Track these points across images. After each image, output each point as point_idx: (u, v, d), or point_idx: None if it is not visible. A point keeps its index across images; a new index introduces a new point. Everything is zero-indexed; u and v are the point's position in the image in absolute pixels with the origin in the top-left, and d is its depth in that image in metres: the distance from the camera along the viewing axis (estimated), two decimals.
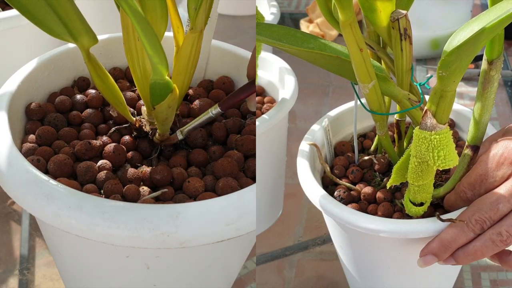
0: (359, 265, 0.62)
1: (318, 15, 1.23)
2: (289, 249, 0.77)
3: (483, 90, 0.50)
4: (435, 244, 0.52)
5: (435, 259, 0.52)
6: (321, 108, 1.04)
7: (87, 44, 0.52)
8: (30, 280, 0.68)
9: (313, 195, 0.57)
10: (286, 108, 0.70)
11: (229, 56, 0.68)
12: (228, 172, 0.54)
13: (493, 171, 0.50)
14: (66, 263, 0.57)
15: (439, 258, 0.52)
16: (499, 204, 0.49)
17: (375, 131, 0.67)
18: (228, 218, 0.46)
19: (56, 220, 0.46)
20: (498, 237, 0.49)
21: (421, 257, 0.53)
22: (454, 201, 0.54)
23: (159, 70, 0.47)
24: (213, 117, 0.57)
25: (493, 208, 0.49)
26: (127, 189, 0.52)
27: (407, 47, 0.51)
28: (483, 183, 0.51)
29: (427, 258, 0.52)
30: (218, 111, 0.56)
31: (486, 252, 0.50)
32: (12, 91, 0.57)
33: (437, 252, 0.52)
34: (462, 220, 0.50)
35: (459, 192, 0.53)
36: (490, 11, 0.41)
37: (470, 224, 0.50)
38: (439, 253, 0.52)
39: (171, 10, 0.55)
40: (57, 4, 0.49)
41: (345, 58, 0.51)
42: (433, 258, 0.52)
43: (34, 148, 0.55)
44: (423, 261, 0.52)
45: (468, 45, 0.42)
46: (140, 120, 0.58)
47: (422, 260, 0.52)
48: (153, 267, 0.51)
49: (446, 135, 0.47)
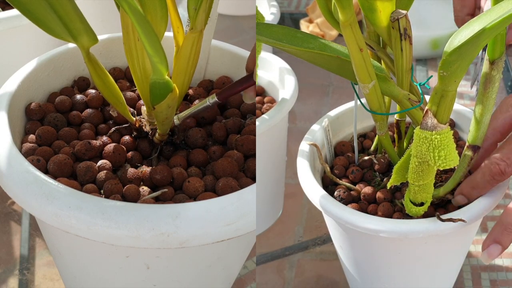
0: (359, 265, 0.62)
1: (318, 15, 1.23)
2: (289, 249, 0.77)
3: (485, 90, 0.50)
4: (497, 230, 0.48)
5: (499, 247, 0.48)
6: (321, 108, 1.04)
7: (87, 44, 0.52)
8: (30, 280, 0.68)
9: (313, 195, 0.57)
10: (286, 108, 0.70)
11: (229, 56, 0.68)
12: (228, 172, 0.54)
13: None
14: (66, 263, 0.57)
15: (503, 244, 0.48)
16: None
17: (375, 131, 0.67)
18: (228, 218, 0.46)
19: (56, 220, 0.46)
20: None
21: (484, 250, 0.49)
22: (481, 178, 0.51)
23: (159, 70, 0.47)
24: (209, 106, 0.57)
25: None
26: (127, 189, 0.52)
27: (407, 47, 0.51)
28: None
29: (491, 249, 0.48)
30: (216, 100, 0.57)
31: None
32: (12, 91, 0.57)
33: (500, 238, 0.48)
34: (463, 220, 0.50)
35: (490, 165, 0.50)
36: (491, 11, 0.41)
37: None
38: (502, 239, 0.48)
39: (171, 10, 0.55)
40: (57, 4, 0.49)
41: (345, 58, 0.51)
42: (497, 247, 0.48)
43: (34, 148, 0.55)
44: (487, 253, 0.48)
45: (469, 45, 0.42)
46: (140, 120, 0.58)
47: (487, 252, 0.48)
48: (153, 267, 0.51)
49: (447, 135, 0.47)
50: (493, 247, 0.49)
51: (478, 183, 0.52)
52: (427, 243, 0.55)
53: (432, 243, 0.56)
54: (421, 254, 0.57)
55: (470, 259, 0.73)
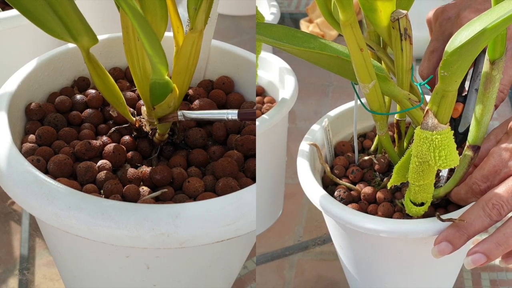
0: (359, 265, 0.62)
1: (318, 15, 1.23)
2: (289, 249, 0.77)
3: (485, 90, 0.50)
4: (450, 230, 0.50)
5: (450, 247, 0.50)
6: (321, 108, 1.04)
7: (87, 44, 0.52)
8: (30, 280, 0.68)
9: (313, 195, 0.57)
10: (286, 108, 0.70)
11: (229, 56, 0.68)
12: (228, 172, 0.54)
13: (506, 161, 0.50)
14: (66, 263, 0.57)
15: (454, 245, 0.50)
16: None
17: (375, 131, 0.67)
18: (228, 218, 0.46)
19: (56, 220, 0.46)
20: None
21: (435, 245, 0.51)
22: (465, 194, 0.53)
23: (159, 70, 0.47)
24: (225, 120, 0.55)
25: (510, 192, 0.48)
26: (127, 189, 0.51)
27: (407, 47, 0.51)
28: (497, 174, 0.50)
29: (442, 246, 0.50)
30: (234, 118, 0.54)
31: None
32: (12, 91, 0.57)
33: (452, 238, 0.50)
34: (462, 219, 0.50)
35: (471, 185, 0.52)
36: (492, 11, 0.41)
37: (486, 208, 0.49)
38: (454, 239, 0.50)
39: (171, 10, 0.55)
40: (57, 4, 0.49)
41: (345, 58, 0.51)
42: (447, 245, 0.50)
43: (34, 148, 0.55)
44: (437, 249, 0.51)
45: (470, 45, 0.42)
46: (140, 120, 0.58)
47: (437, 248, 0.51)
48: (153, 267, 0.51)
49: (447, 135, 0.47)
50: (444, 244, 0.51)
51: (463, 197, 0.54)
52: (427, 243, 0.55)
53: (432, 243, 0.56)
54: (421, 254, 0.57)
55: None
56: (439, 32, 0.61)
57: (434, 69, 0.61)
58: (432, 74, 0.60)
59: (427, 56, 0.61)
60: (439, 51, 0.60)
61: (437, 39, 0.61)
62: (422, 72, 0.62)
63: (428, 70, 0.61)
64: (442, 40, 0.60)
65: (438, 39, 0.60)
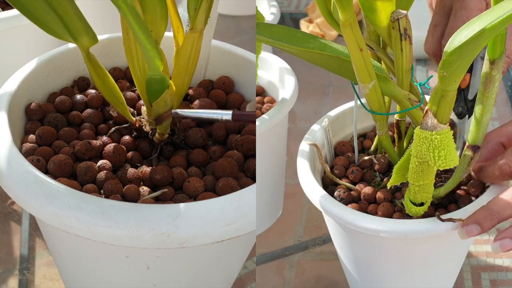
0: (359, 265, 0.62)
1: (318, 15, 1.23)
2: (289, 249, 0.77)
3: (485, 90, 0.50)
4: (482, 212, 0.50)
5: (479, 229, 0.50)
6: (321, 108, 1.04)
7: (87, 44, 0.52)
8: (30, 280, 0.68)
9: (313, 195, 0.57)
10: (286, 108, 0.70)
11: (229, 56, 0.68)
12: (228, 172, 0.54)
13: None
14: (66, 263, 0.57)
15: (483, 227, 0.50)
16: None
17: (375, 131, 0.67)
18: (228, 218, 0.46)
19: (56, 220, 0.46)
20: None
21: (463, 227, 0.51)
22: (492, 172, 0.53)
23: (155, 65, 0.47)
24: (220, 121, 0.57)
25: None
26: (127, 189, 0.52)
27: (407, 47, 0.51)
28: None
29: (471, 228, 0.50)
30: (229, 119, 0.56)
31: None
32: (12, 91, 0.57)
33: (483, 220, 0.50)
34: (462, 219, 0.50)
35: (502, 164, 0.52)
36: (491, 11, 0.41)
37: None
38: (485, 222, 0.50)
39: (171, 10, 0.55)
40: (57, 4, 0.49)
41: (345, 58, 0.51)
42: (476, 227, 0.50)
43: (34, 148, 0.55)
44: (465, 230, 0.51)
45: (469, 45, 0.42)
46: (140, 120, 0.58)
47: (465, 229, 0.51)
48: (153, 267, 0.51)
49: (447, 135, 0.47)
50: (473, 226, 0.51)
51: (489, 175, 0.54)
52: (427, 243, 0.55)
53: (432, 243, 0.56)
54: (421, 254, 0.57)
55: (470, 259, 0.73)
56: (440, 6, 0.61)
57: (439, 43, 0.61)
58: (437, 48, 0.61)
59: (431, 31, 0.61)
60: (441, 25, 0.60)
61: (439, 13, 0.61)
62: (428, 48, 0.62)
63: (433, 45, 0.61)
64: (443, 13, 0.60)
65: (440, 13, 0.61)
